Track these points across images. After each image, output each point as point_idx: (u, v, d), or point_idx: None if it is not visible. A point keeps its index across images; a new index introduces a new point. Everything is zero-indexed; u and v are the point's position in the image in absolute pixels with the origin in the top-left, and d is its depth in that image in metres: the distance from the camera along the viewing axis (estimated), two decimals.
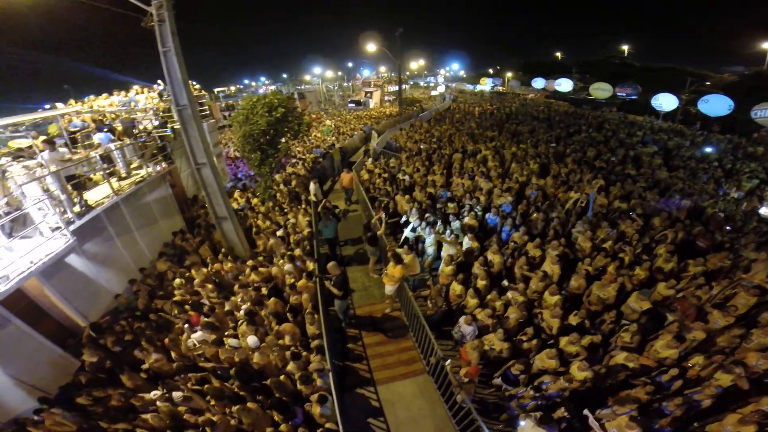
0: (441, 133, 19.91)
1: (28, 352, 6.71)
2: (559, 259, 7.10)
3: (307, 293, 7.28)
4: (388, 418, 6.01)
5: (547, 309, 6.39)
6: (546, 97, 43.22)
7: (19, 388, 6.44)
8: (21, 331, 6.63)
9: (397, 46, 28.05)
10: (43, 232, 6.68)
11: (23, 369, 6.56)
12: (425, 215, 8.91)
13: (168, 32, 7.00)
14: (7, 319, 6.36)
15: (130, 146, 9.77)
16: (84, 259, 7.64)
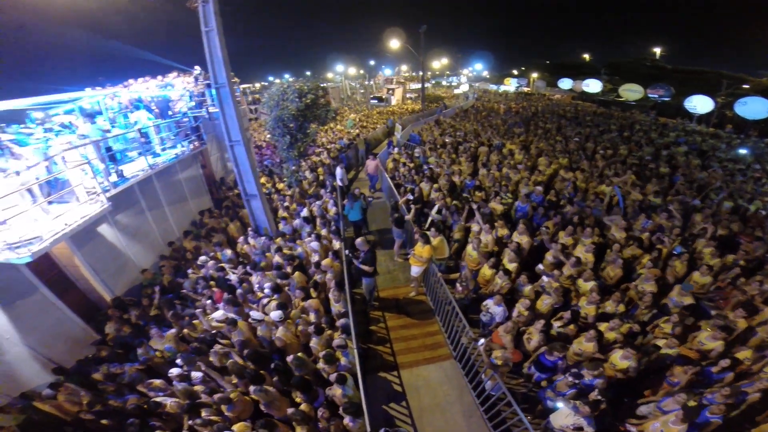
0: (465, 128, 19.80)
1: (50, 323, 6.85)
2: (592, 247, 6.96)
3: (332, 272, 7.32)
4: (411, 403, 5.85)
5: (582, 296, 6.23)
6: (573, 98, 42.36)
7: (34, 360, 6.56)
8: (47, 301, 6.80)
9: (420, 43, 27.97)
10: (79, 198, 6.88)
11: (43, 340, 6.69)
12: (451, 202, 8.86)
13: (211, 12, 7.08)
14: (35, 287, 6.57)
15: (166, 125, 10.03)
16: (115, 230, 7.88)
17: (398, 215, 8.57)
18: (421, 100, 31.05)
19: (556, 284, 6.27)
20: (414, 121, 24.26)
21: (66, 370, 6.48)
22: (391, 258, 9.41)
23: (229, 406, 4.93)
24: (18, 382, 6.22)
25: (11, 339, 6.23)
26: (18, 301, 6.34)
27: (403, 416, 5.67)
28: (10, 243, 5.51)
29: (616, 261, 6.84)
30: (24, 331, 6.38)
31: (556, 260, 7.03)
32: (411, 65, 65.88)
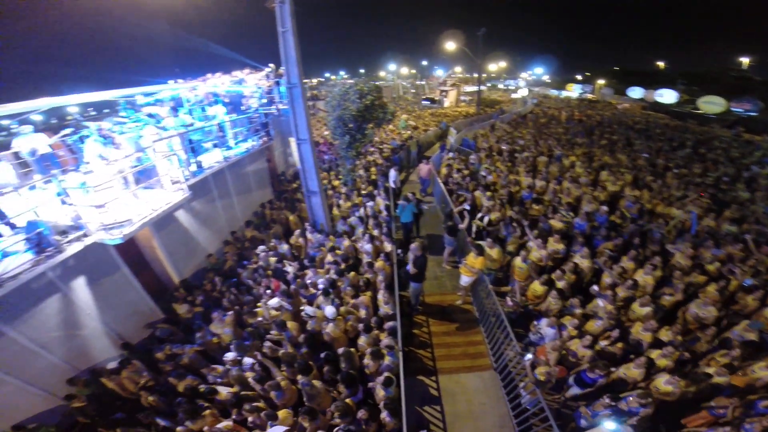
0: (523, 136, 19.22)
1: (125, 301, 7.41)
2: (652, 269, 6.71)
3: (381, 274, 7.50)
4: (445, 408, 5.93)
5: (636, 320, 6.04)
6: (643, 108, 39.46)
7: (106, 336, 7.08)
8: (126, 280, 7.37)
9: (478, 46, 27.43)
10: (164, 186, 7.51)
11: (117, 317, 7.21)
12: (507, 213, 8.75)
13: (287, 13, 7.33)
14: (118, 266, 7.17)
15: (239, 120, 10.76)
16: (190, 216, 8.59)
17: (451, 223, 8.59)
18: (477, 103, 30.48)
19: (610, 307, 6.10)
20: (468, 125, 23.90)
21: (132, 346, 7.03)
22: (439, 264, 9.44)
23: (278, 393, 5.25)
24: (88, 357, 6.80)
25: (91, 314, 6.85)
26: (103, 279, 6.96)
27: (437, 420, 5.79)
28: (105, 225, 6.07)
29: (676, 287, 6.52)
30: (103, 307, 6.96)
31: (612, 282, 6.81)
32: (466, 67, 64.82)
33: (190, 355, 6.55)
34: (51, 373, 6.22)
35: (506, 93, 64.64)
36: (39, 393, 6.05)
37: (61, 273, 6.12)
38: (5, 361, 5.64)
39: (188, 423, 5.10)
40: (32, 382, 5.97)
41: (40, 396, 6.08)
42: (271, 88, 12.59)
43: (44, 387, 6.09)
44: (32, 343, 5.96)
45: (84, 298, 6.64)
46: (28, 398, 5.98)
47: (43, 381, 6.10)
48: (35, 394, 6.03)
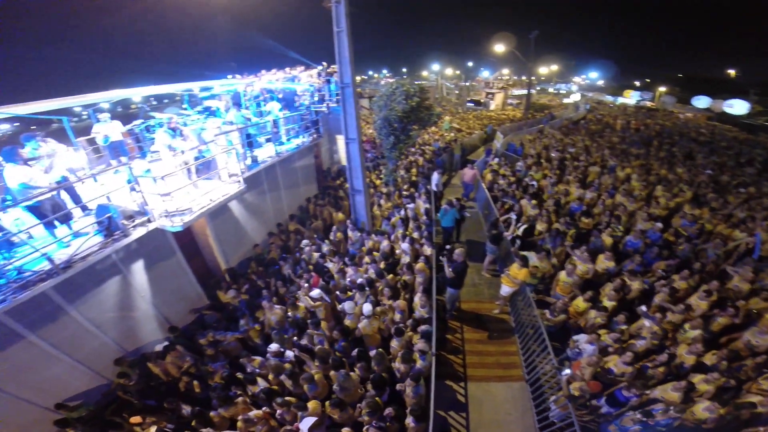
0: (575, 143, 18.40)
1: (176, 285, 7.70)
2: (707, 295, 6.37)
3: (421, 276, 7.49)
4: (471, 415, 5.96)
5: (682, 343, 5.79)
6: (708, 119, 36.47)
7: (155, 319, 7.35)
8: (179, 265, 7.66)
9: (530, 48, 26.53)
10: (221, 178, 7.85)
11: (167, 301, 7.46)
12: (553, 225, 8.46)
13: (342, 13, 7.41)
14: (173, 251, 7.48)
15: (291, 116, 11.14)
16: (241, 206, 8.97)
17: (496, 232, 8.43)
18: (525, 107, 29.51)
19: (656, 328, 5.90)
20: (516, 129, 23.22)
21: (179, 330, 7.28)
22: (478, 271, 9.32)
23: (311, 386, 5.40)
24: (136, 338, 7.08)
25: (145, 297, 7.11)
26: (159, 263, 7.25)
27: (461, 426, 5.82)
28: (168, 212, 6.37)
29: (730, 311, 6.15)
30: (156, 291, 7.24)
31: (663, 304, 6.48)
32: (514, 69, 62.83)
33: (231, 343, 6.82)
34: (101, 353, 6.50)
35: (557, 97, 62.10)
36: (87, 372, 6.31)
37: (123, 256, 6.47)
38: (63, 339, 5.90)
39: (221, 410, 5.35)
40: (83, 360, 6.23)
41: (87, 375, 6.34)
42: (322, 85, 12.92)
43: (92, 366, 6.36)
44: (89, 323, 6.24)
45: (140, 281, 6.98)
46: (76, 377, 6.23)
47: (93, 360, 6.37)
48: (83, 373, 6.29)
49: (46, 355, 5.74)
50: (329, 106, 12.02)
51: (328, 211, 11.08)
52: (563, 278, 7.19)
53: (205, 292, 8.41)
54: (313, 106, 11.95)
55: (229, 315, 7.64)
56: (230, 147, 7.63)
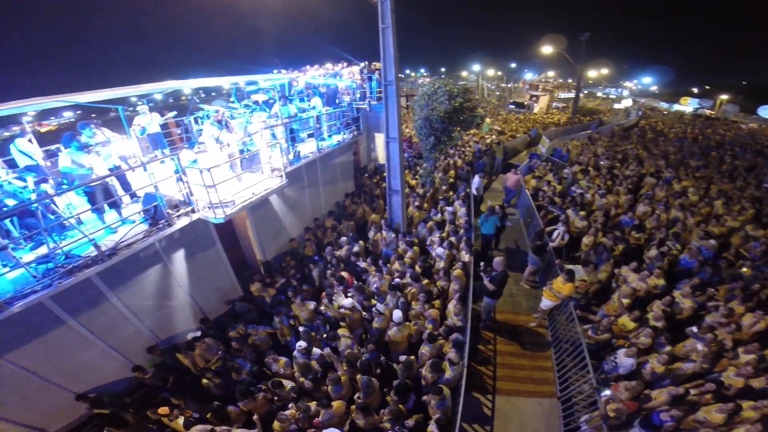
0: (626, 151, 17.29)
1: (213, 276, 7.75)
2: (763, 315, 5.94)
3: (457, 283, 7.22)
4: (495, 429, 5.80)
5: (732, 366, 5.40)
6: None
7: (190, 309, 7.41)
8: (218, 256, 7.73)
9: (580, 51, 25.26)
10: (263, 172, 7.93)
11: (202, 291, 7.52)
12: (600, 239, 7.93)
13: (388, 9, 7.24)
14: (214, 242, 7.57)
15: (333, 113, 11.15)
16: (280, 201, 9.04)
17: (540, 243, 8.00)
18: (572, 111, 28.14)
19: (706, 350, 5.50)
20: (561, 134, 22.19)
21: (210, 321, 7.34)
22: (516, 282, 8.95)
23: (336, 388, 5.33)
24: (170, 327, 7.15)
25: (183, 286, 7.16)
26: (199, 254, 7.32)
27: None
28: (212, 203, 6.33)
29: None
30: (193, 280, 7.32)
31: (712, 323, 6.08)
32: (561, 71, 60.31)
33: (261, 337, 6.80)
34: (134, 341, 6.56)
35: (606, 102, 59.11)
36: (118, 359, 6.37)
37: (166, 245, 6.56)
38: (100, 325, 5.97)
39: (240, 404, 5.36)
40: (116, 347, 6.29)
41: (118, 362, 6.39)
42: (363, 83, 12.85)
43: (125, 353, 6.43)
44: (127, 310, 6.31)
45: (180, 270, 7.04)
46: (108, 363, 6.28)
47: (126, 348, 6.44)
48: (115, 360, 6.35)
49: (83, 341, 5.84)
50: (371, 104, 11.92)
51: (362, 209, 11.00)
52: (621, 301, 6.70)
53: (239, 283, 8.51)
54: (354, 103, 11.89)
55: (261, 308, 7.68)
56: (274, 141, 7.68)
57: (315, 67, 15.22)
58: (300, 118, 9.96)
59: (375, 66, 13.11)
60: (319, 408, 5.05)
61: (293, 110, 9.78)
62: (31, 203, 5.22)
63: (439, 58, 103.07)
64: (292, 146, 8.88)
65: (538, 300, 7.87)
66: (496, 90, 59.71)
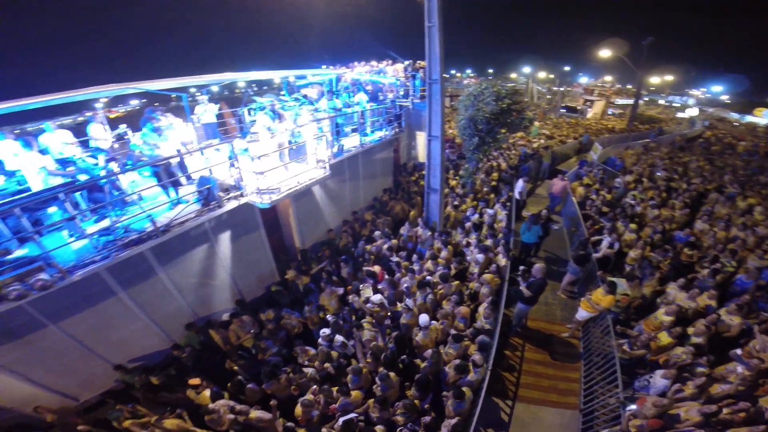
0: (686, 164, 16.08)
1: (254, 259, 8.05)
2: None
3: (488, 287, 7.11)
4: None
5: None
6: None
7: (229, 289, 7.71)
8: (260, 239, 8.04)
9: (641, 56, 23.75)
10: (308, 163, 8.14)
11: (242, 273, 7.80)
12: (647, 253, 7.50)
13: (435, 8, 7.23)
14: (258, 226, 7.89)
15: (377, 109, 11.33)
16: (322, 192, 9.32)
17: (583, 253, 7.70)
18: (630, 118, 26.54)
19: (748, 373, 5.14)
20: (616, 142, 21.00)
21: (245, 303, 7.61)
22: (553, 291, 8.67)
23: (355, 378, 5.41)
24: (209, 306, 7.47)
25: (225, 267, 7.49)
26: (243, 236, 7.64)
27: None
28: (260, 189, 6.71)
29: None
30: (235, 261, 7.62)
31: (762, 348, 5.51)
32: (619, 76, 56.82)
33: (292, 323, 7.03)
34: (175, 316, 6.84)
35: (668, 110, 55.06)
36: (158, 333, 6.67)
37: (214, 225, 6.91)
38: (147, 299, 6.24)
39: (264, 385, 5.57)
40: (158, 321, 6.59)
41: (158, 337, 6.68)
42: (407, 80, 12.90)
43: (165, 328, 6.73)
44: (173, 286, 6.58)
45: (224, 251, 7.37)
46: (147, 337, 6.56)
47: (166, 322, 6.73)
48: (155, 334, 6.63)
49: (129, 313, 6.16)
50: (414, 102, 11.96)
51: (400, 206, 11.08)
52: (660, 317, 6.36)
53: (276, 267, 8.84)
54: (398, 101, 11.99)
55: (295, 295, 7.91)
56: (321, 134, 7.96)
57: (361, 64, 15.47)
58: (345, 113, 10.21)
59: (419, 64, 13.13)
60: (339, 395, 5.20)
61: (338, 105, 10.05)
62: (101, 179, 5.80)
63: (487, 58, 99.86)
64: (337, 140, 9.14)
65: (574, 310, 7.68)
66: (547, 93, 57.36)
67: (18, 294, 4.67)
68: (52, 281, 4.87)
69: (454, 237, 9.23)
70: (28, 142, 5.79)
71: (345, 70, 14.31)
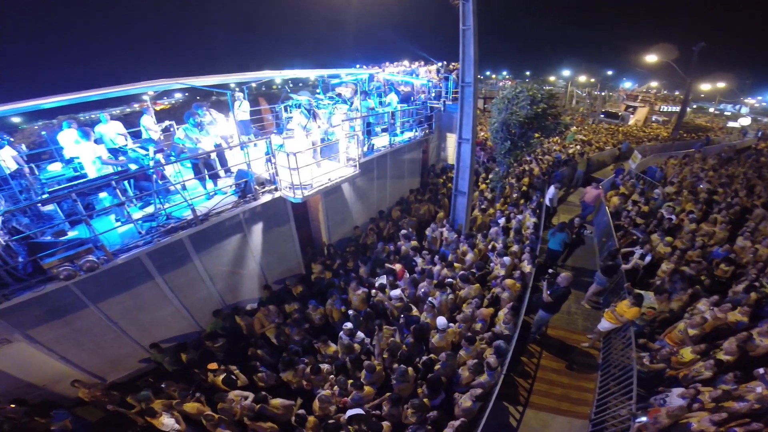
0: (733, 176, 15.14)
1: (282, 251, 8.30)
2: None
3: (508, 292, 7.10)
4: None
5: None
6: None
7: (256, 278, 7.95)
8: (290, 232, 8.28)
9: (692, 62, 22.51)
10: (340, 160, 8.44)
11: (270, 263, 8.04)
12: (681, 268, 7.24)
13: (470, 10, 7.25)
14: (288, 219, 8.15)
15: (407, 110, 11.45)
16: (351, 189, 9.53)
17: (612, 263, 7.53)
18: (675, 127, 25.17)
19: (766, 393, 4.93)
20: (658, 150, 20.02)
21: (273, 292, 7.90)
22: (577, 300, 8.56)
23: (368, 375, 5.56)
24: (236, 294, 7.69)
25: (255, 257, 7.74)
26: (274, 228, 7.89)
27: None
28: (293, 184, 6.94)
29: None
30: (265, 252, 7.81)
31: None
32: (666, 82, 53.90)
33: (317, 316, 7.25)
34: (204, 303, 7.11)
35: (718, 119, 51.76)
36: (187, 319, 6.94)
37: (248, 216, 7.19)
38: (180, 284, 6.47)
39: (282, 374, 5.80)
40: (188, 307, 6.84)
41: (186, 322, 6.94)
42: (439, 82, 12.92)
43: (194, 314, 7.00)
44: (206, 273, 6.84)
45: (255, 242, 7.64)
46: (177, 321, 6.81)
47: (196, 308, 6.99)
48: (184, 319, 6.89)
49: (162, 298, 6.41)
50: (445, 104, 11.98)
51: (426, 207, 11.16)
52: (679, 326, 6.26)
53: (305, 260, 9.11)
54: (429, 102, 12.05)
55: (320, 289, 8.07)
56: (352, 133, 8.18)
57: (394, 64, 15.61)
58: (376, 112, 10.39)
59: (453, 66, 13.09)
60: (353, 389, 5.37)
61: (372, 104, 10.25)
62: (150, 168, 6.20)
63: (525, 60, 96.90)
64: (367, 139, 9.34)
65: (596, 321, 7.61)
66: (587, 97, 55.33)
67: (67, 274, 4.88)
68: (99, 263, 5.11)
69: (479, 241, 9.22)
70: (87, 133, 6.20)
71: (377, 70, 14.49)
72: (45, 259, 4.78)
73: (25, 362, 5.45)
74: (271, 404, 5.40)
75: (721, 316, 6.28)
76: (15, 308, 4.81)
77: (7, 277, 4.74)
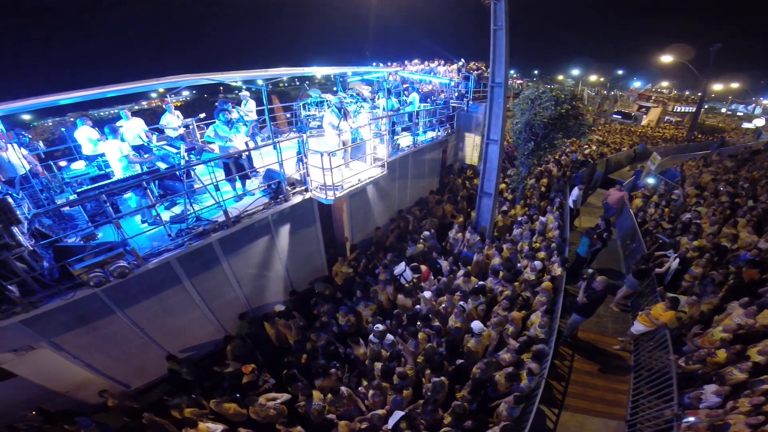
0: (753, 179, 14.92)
1: (307, 252, 8.18)
2: None
3: (544, 295, 7.05)
4: None
5: None
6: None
7: (281, 281, 7.79)
8: (315, 234, 8.15)
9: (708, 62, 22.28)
10: (366, 161, 8.43)
11: (295, 265, 7.91)
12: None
13: (502, 10, 7.19)
14: (314, 221, 7.98)
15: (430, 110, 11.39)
16: (374, 190, 9.44)
17: (645, 267, 7.47)
18: (690, 128, 24.92)
19: None
20: (675, 152, 19.79)
21: (298, 294, 7.81)
22: (605, 303, 8.44)
23: (401, 381, 5.47)
24: (262, 297, 7.52)
25: (282, 259, 7.61)
26: (300, 230, 7.75)
27: None
28: (324, 185, 6.86)
29: None
30: (291, 253, 7.66)
31: None
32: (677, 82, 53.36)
33: (342, 324, 7.04)
34: (230, 307, 6.94)
35: (731, 120, 51.16)
36: (212, 323, 6.80)
37: (277, 218, 7.02)
38: (207, 288, 6.30)
39: (317, 381, 5.63)
40: (215, 311, 6.70)
41: (211, 326, 6.81)
42: (460, 81, 12.84)
43: (219, 318, 6.84)
44: (233, 276, 6.65)
45: (282, 244, 7.48)
46: (202, 326, 6.67)
47: (222, 312, 6.84)
48: (210, 323, 6.76)
49: (189, 302, 6.22)
50: (468, 104, 11.89)
51: (443, 208, 11.12)
52: (717, 334, 6.14)
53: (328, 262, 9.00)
54: (451, 102, 11.97)
55: (345, 289, 8.00)
56: (380, 133, 8.14)
57: (414, 62, 15.53)
58: (401, 112, 10.34)
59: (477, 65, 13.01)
60: (393, 392, 5.34)
61: (397, 104, 10.18)
62: (181, 168, 6.03)
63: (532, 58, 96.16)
64: (393, 139, 9.29)
65: (626, 323, 7.72)
66: (596, 97, 54.86)
67: (98, 281, 4.60)
68: (130, 268, 4.83)
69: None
70: (114, 129, 6.03)
71: (397, 68, 14.44)
72: (74, 264, 4.48)
73: (47, 369, 5.26)
74: None
75: (750, 321, 6.22)
76: (42, 316, 4.60)
77: (33, 283, 4.47)
